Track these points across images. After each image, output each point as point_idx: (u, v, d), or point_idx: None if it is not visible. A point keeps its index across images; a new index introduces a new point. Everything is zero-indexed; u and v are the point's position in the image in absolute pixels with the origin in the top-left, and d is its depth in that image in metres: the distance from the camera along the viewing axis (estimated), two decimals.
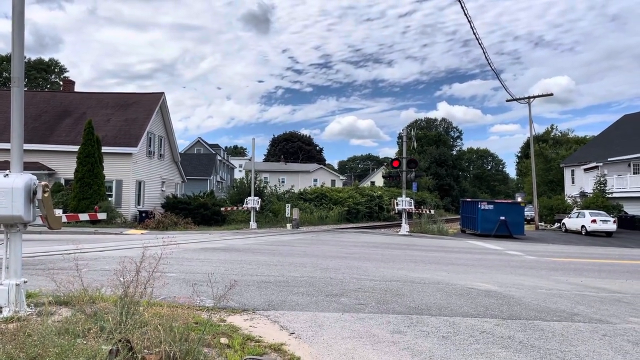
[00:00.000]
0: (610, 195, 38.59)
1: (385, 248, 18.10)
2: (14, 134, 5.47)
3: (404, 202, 28.09)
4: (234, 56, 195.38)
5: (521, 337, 5.47)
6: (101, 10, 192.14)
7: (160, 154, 34.46)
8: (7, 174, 5.32)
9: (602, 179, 39.34)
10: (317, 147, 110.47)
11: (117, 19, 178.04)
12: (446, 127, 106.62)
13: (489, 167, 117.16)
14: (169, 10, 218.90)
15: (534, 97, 40.18)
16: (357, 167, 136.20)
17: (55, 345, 3.72)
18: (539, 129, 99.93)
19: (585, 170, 44.48)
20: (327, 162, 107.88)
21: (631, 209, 38.35)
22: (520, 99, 39.83)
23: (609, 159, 41.69)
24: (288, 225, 29.33)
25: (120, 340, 3.69)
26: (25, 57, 5.82)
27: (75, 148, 26.53)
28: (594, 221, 31.60)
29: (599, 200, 37.26)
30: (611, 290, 9.60)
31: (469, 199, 37.92)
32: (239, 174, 75.61)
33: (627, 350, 5.15)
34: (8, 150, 5.64)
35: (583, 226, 32.53)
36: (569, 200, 44.25)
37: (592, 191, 39.93)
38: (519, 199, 48.98)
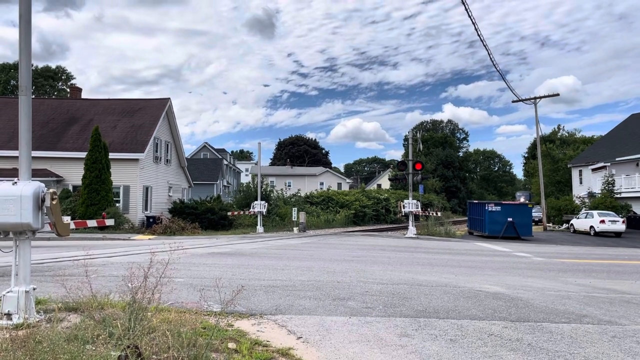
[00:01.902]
0: (618, 195, 38.30)
1: (392, 251, 18.07)
2: (21, 142, 5.52)
3: (410, 205, 28.01)
4: (240, 61, 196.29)
5: (530, 340, 5.44)
6: (108, 17, 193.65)
7: (167, 160, 34.61)
8: (15, 182, 5.37)
9: (610, 178, 39.04)
10: (323, 151, 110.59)
11: (124, 25, 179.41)
12: (452, 129, 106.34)
13: (496, 169, 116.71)
14: (175, 16, 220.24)
15: (540, 97, 40.02)
16: (363, 170, 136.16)
17: (64, 351, 3.75)
18: (546, 130, 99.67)
19: (593, 170, 44.17)
20: (333, 166, 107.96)
21: None
22: (526, 99, 39.70)
23: (617, 159, 41.39)
24: (295, 229, 29.33)
25: (129, 346, 3.72)
26: (32, 65, 5.86)
27: (83, 154, 26.70)
28: (602, 221, 31.35)
29: (607, 201, 36.97)
30: (621, 291, 9.53)
31: (476, 201, 37.77)
32: (245, 178, 75.76)
33: (637, 352, 5.11)
34: (17, 157, 5.68)
35: (592, 227, 32.28)
36: (577, 201, 43.95)
37: (600, 191, 39.63)
38: (522, 199, 48.42)
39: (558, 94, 43.31)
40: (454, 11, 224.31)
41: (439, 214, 33.32)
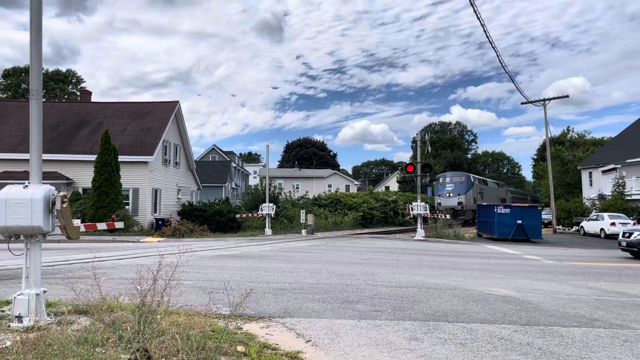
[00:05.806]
0: (629, 197, 37.93)
1: (400, 253, 18.01)
2: (32, 145, 5.56)
3: (419, 207, 27.90)
4: (248, 63, 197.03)
5: (540, 344, 5.40)
6: (119, 20, 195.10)
7: (176, 162, 34.76)
8: (26, 185, 5.42)
9: (620, 180, 38.69)
10: (331, 153, 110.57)
11: (134, 28, 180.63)
12: (461, 131, 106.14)
13: (505, 171, 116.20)
14: (186, 17, 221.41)
15: (550, 99, 39.76)
16: (372, 172, 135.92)
17: (74, 354, 3.77)
18: (555, 131, 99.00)
19: (604, 172, 43.80)
20: (341, 168, 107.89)
21: None
22: (535, 101, 39.45)
23: (627, 161, 41.01)
24: (303, 231, 29.33)
25: (138, 350, 3.73)
26: (43, 69, 5.90)
27: (93, 157, 26.90)
28: (613, 224, 31.05)
29: (618, 203, 36.64)
30: (632, 294, 9.42)
31: (485, 203, 37.55)
32: (253, 181, 75.94)
33: None
34: (27, 160, 5.73)
35: (602, 229, 31.99)
36: (587, 203, 43.60)
37: (610, 193, 39.29)
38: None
39: (567, 96, 42.97)
40: (464, 12, 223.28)
41: (448, 216, 33.15)
